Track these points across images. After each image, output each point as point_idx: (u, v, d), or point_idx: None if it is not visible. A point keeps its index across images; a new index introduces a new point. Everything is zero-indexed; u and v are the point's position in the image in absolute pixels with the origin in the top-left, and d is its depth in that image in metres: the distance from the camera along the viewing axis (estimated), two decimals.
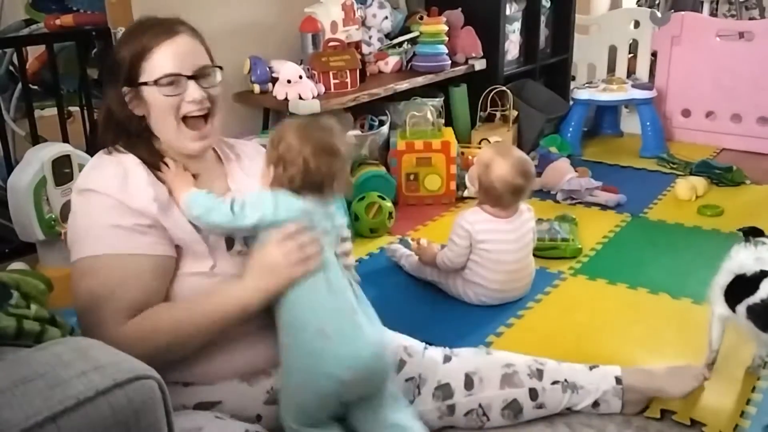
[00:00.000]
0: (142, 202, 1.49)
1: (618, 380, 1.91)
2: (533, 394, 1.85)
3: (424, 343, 1.93)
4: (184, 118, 1.56)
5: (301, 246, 1.50)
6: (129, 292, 1.46)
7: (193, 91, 1.54)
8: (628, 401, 1.91)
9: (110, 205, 1.48)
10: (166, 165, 1.59)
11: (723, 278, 2.00)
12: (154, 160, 1.58)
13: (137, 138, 1.58)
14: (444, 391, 1.82)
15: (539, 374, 1.88)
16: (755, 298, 1.90)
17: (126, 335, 1.41)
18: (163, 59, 1.52)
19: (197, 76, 1.55)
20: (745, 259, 1.98)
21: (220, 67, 1.61)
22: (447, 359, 1.88)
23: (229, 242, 1.59)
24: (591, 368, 1.95)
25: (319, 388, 1.50)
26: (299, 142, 1.55)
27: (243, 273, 1.53)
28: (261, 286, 1.50)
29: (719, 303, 2.01)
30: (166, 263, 1.51)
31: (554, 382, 1.88)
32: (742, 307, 1.93)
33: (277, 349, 1.56)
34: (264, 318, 1.55)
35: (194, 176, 1.62)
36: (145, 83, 1.52)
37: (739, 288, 1.95)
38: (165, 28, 1.54)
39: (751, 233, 2.03)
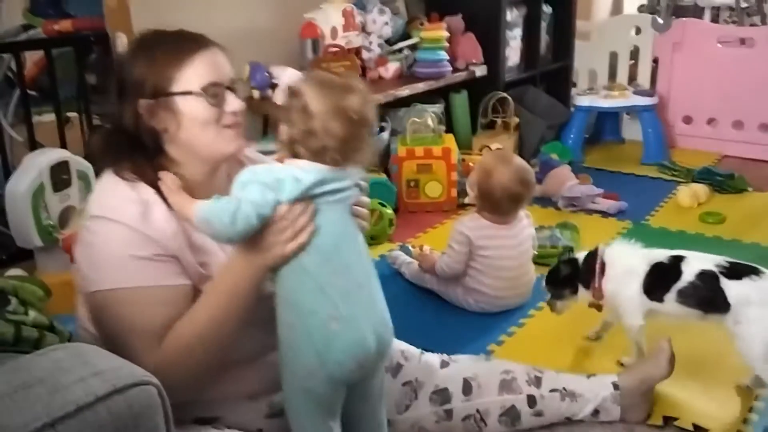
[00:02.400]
0: (164, 234, 1.42)
1: (615, 386, 1.92)
2: (531, 401, 1.85)
3: (420, 349, 1.92)
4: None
5: (293, 220, 1.38)
6: (153, 323, 1.40)
7: (232, 101, 1.48)
8: (626, 406, 1.91)
9: (129, 235, 1.40)
10: (159, 178, 1.48)
11: (634, 283, 2.09)
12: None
13: (144, 159, 1.48)
14: (442, 395, 1.81)
15: (537, 381, 1.88)
16: (683, 282, 2.02)
17: (163, 360, 1.36)
18: (203, 68, 1.45)
19: (232, 88, 1.50)
20: (640, 253, 2.14)
21: (244, 80, 1.57)
22: (444, 364, 1.87)
23: None
24: (588, 377, 1.97)
25: (330, 375, 1.40)
26: (324, 110, 1.38)
27: (235, 253, 1.44)
28: (258, 263, 1.40)
29: (636, 313, 2.10)
30: (187, 291, 1.45)
31: (552, 390, 1.88)
32: (671, 294, 2.03)
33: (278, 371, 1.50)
34: (265, 340, 1.48)
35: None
36: (184, 93, 1.43)
37: (661, 278, 2.06)
38: (194, 38, 1.48)
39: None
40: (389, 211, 3.17)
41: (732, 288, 1.97)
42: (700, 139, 4.54)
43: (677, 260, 2.07)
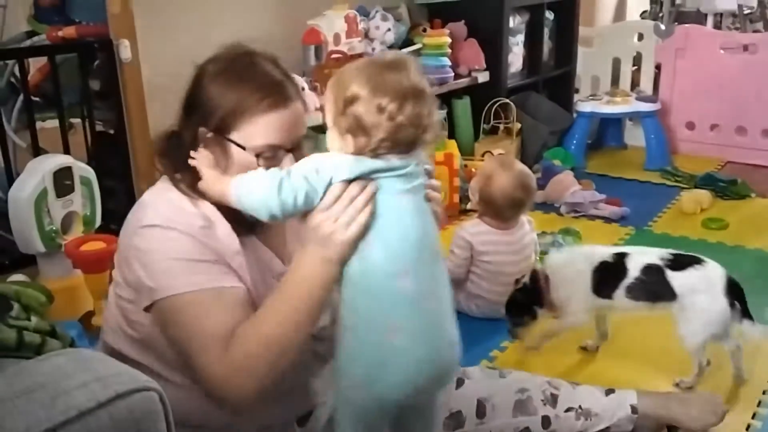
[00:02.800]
0: (227, 251, 1.37)
1: (633, 409, 1.87)
2: (546, 422, 1.80)
3: None
4: None
5: (351, 199, 1.25)
6: (218, 327, 1.32)
7: (287, 165, 1.37)
8: (640, 426, 1.88)
9: (190, 242, 1.34)
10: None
11: (581, 285, 2.17)
12: (222, 206, 1.40)
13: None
14: (455, 420, 1.74)
15: (553, 400, 1.82)
16: (630, 279, 2.12)
17: (231, 366, 1.29)
18: (269, 129, 1.37)
19: (295, 148, 1.41)
20: (581, 256, 2.24)
21: (322, 127, 1.41)
22: (459, 383, 1.80)
23: None
24: (607, 393, 1.90)
25: (378, 395, 1.27)
26: (375, 95, 1.23)
27: (298, 246, 1.35)
28: (327, 255, 1.27)
29: (580, 312, 2.20)
30: (248, 296, 1.39)
31: (568, 409, 1.82)
32: (620, 291, 2.13)
33: (288, 400, 1.46)
34: (291, 377, 1.40)
35: (252, 224, 1.42)
36: (239, 145, 1.37)
37: (608, 276, 2.14)
38: (279, 92, 1.39)
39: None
40: None
41: (677, 279, 2.08)
42: (703, 144, 4.53)
43: (621, 257, 2.17)
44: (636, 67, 4.88)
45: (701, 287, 2.07)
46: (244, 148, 1.37)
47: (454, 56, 3.88)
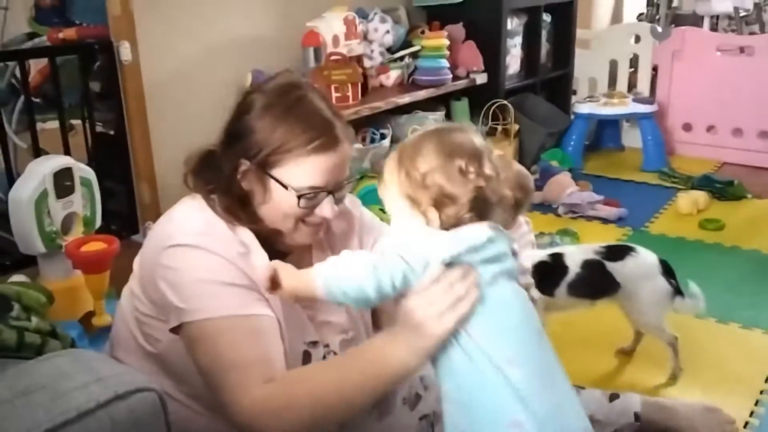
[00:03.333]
0: (260, 281, 1.30)
1: (637, 416, 1.86)
2: None
3: None
4: (303, 220, 1.40)
5: (451, 285, 1.16)
6: (250, 355, 1.26)
7: (326, 207, 1.38)
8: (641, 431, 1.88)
9: (223, 265, 1.30)
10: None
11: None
12: (257, 232, 1.39)
13: (239, 203, 1.38)
14: None
15: None
16: (571, 276, 2.17)
17: (270, 404, 1.21)
18: (315, 172, 1.34)
19: (336, 190, 1.39)
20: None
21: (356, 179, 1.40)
22: None
23: (306, 355, 1.42)
24: (611, 398, 1.89)
25: None
26: (452, 159, 1.19)
27: (391, 328, 1.25)
28: (417, 345, 1.18)
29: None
30: (279, 326, 1.35)
31: None
32: (561, 289, 2.17)
33: None
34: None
35: (284, 253, 1.41)
36: (281, 183, 1.34)
37: (546, 276, 2.17)
38: (328, 134, 1.34)
39: None
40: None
41: (617, 269, 2.16)
42: (700, 146, 4.55)
43: (558, 257, 2.23)
44: (633, 69, 4.89)
45: (642, 273, 2.15)
46: (286, 188, 1.34)
47: (453, 58, 3.89)
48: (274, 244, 1.41)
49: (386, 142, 3.59)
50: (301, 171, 1.33)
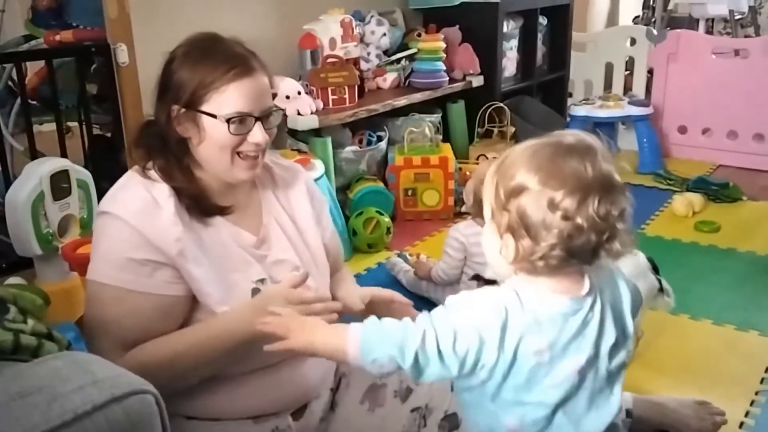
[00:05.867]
0: (164, 240, 1.40)
1: (628, 413, 1.86)
2: None
3: None
4: (238, 152, 1.48)
5: (309, 310, 1.34)
6: (127, 327, 1.42)
7: (257, 133, 1.46)
8: (635, 430, 1.87)
9: (127, 235, 1.40)
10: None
11: None
12: (191, 188, 1.49)
13: (174, 158, 1.49)
14: (451, 421, 1.68)
15: None
16: None
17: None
18: (237, 96, 1.43)
19: (263, 117, 1.48)
20: None
21: (283, 110, 1.54)
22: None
23: (255, 292, 1.50)
24: None
25: None
26: (546, 186, 1.00)
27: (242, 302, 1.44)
28: (253, 320, 1.32)
29: None
30: (174, 302, 1.44)
31: None
32: None
33: (282, 391, 1.50)
34: (269, 358, 1.44)
35: (228, 208, 1.53)
36: (210, 114, 1.43)
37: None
38: (243, 63, 1.46)
39: None
40: (386, 219, 3.19)
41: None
42: (695, 148, 4.55)
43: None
44: (629, 72, 4.90)
45: (635, 272, 2.12)
46: (215, 117, 1.43)
47: (449, 61, 3.90)
48: (213, 199, 1.51)
49: (383, 144, 3.60)
50: (225, 99, 1.43)
